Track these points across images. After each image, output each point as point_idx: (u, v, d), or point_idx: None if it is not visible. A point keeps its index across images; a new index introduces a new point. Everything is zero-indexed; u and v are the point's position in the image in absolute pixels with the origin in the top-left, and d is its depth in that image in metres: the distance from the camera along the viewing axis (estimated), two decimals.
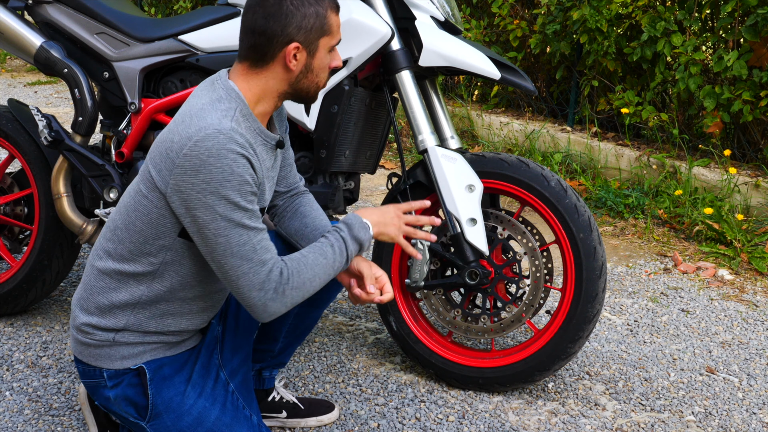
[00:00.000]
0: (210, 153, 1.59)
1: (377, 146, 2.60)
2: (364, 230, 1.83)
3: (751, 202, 3.89)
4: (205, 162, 1.59)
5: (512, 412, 2.33)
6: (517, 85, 2.32)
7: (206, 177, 1.60)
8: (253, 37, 1.69)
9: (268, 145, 1.78)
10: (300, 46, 1.69)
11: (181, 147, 1.61)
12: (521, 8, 5.30)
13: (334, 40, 1.74)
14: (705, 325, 2.97)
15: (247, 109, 1.71)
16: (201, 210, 1.62)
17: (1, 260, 2.92)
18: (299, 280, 1.72)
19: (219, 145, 1.59)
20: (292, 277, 1.70)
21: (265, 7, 1.67)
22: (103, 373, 1.81)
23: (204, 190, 1.60)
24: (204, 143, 1.59)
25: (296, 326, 2.15)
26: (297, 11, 1.66)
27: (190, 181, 1.61)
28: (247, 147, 1.64)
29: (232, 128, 1.62)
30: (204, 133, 1.60)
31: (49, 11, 2.56)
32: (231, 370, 1.95)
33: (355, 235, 1.81)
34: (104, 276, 1.78)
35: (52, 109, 6.49)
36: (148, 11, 8.13)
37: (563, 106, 5.21)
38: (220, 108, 1.66)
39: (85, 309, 1.81)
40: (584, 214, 2.29)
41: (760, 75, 3.83)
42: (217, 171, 1.59)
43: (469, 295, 2.43)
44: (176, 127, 1.65)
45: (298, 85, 1.75)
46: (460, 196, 2.28)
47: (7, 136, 2.65)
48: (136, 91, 2.47)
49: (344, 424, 2.24)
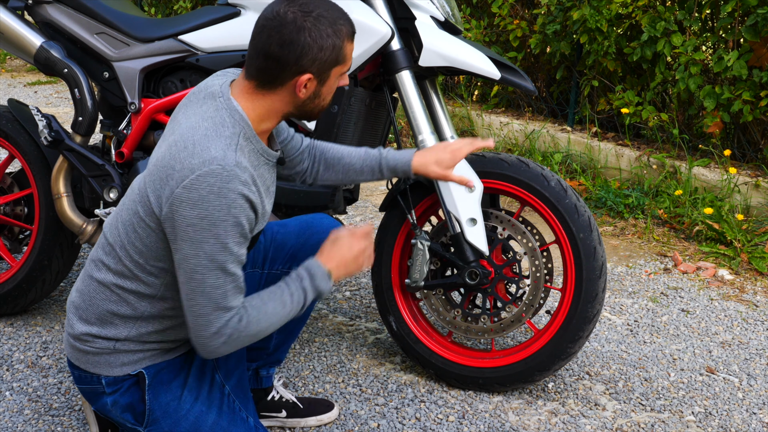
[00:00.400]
0: (211, 190, 1.57)
1: (377, 146, 2.60)
2: (325, 281, 1.78)
3: (751, 202, 3.89)
4: (204, 198, 1.57)
5: (512, 412, 2.33)
6: (517, 85, 2.32)
7: (201, 213, 1.57)
8: (265, 61, 1.63)
9: (270, 163, 1.76)
10: (312, 76, 1.65)
11: (182, 178, 1.58)
12: (521, 8, 5.30)
13: (346, 67, 1.71)
14: (705, 325, 2.97)
15: (251, 131, 1.68)
16: (187, 243, 1.60)
17: (1, 260, 2.92)
18: (255, 329, 1.69)
19: (221, 182, 1.57)
20: (249, 326, 1.68)
21: (282, 34, 1.61)
22: (101, 380, 1.80)
23: (196, 225, 1.58)
24: (206, 179, 1.57)
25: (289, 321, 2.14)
26: (314, 44, 1.61)
27: (185, 213, 1.58)
28: (250, 183, 1.61)
29: (236, 163, 1.59)
30: (207, 168, 1.57)
31: (49, 11, 2.56)
32: (226, 371, 1.95)
33: (316, 285, 1.77)
34: (104, 288, 1.76)
35: (52, 109, 6.49)
36: (148, 11, 8.13)
37: (563, 106, 5.21)
38: (224, 135, 1.62)
39: (84, 319, 1.79)
40: (584, 214, 2.29)
41: (760, 75, 3.83)
42: (213, 209, 1.57)
43: (469, 295, 2.43)
44: (179, 153, 1.61)
45: (305, 108, 1.73)
46: (460, 196, 2.28)
47: (7, 136, 2.65)
48: (136, 91, 2.47)
49: (344, 424, 2.24)
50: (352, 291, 3.15)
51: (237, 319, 1.66)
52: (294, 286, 1.76)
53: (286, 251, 2.06)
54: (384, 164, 2.06)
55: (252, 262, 2.04)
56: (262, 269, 2.07)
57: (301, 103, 1.70)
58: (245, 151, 1.65)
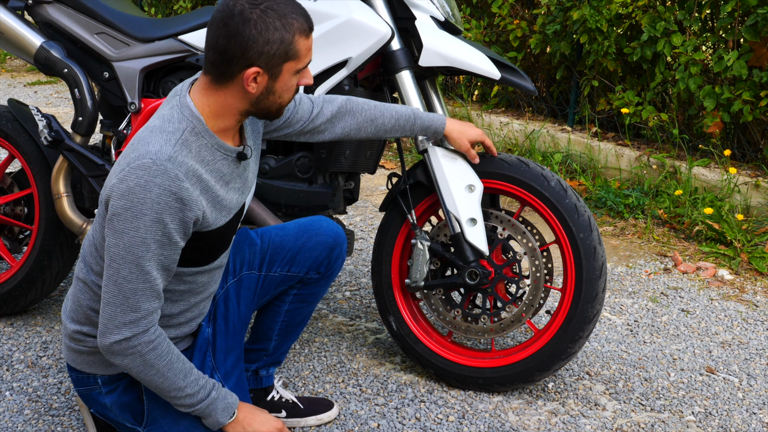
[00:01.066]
0: (138, 182, 1.57)
1: (377, 146, 2.60)
2: (223, 413, 1.78)
3: (751, 202, 3.89)
4: (131, 190, 1.58)
5: (512, 412, 2.33)
6: (517, 85, 2.32)
7: (126, 204, 1.58)
8: (214, 54, 1.63)
9: (230, 158, 1.74)
10: (261, 71, 1.63)
11: (120, 170, 1.60)
12: (521, 8, 5.30)
13: (302, 64, 1.67)
14: (705, 325, 2.97)
15: (202, 126, 1.67)
16: (111, 232, 1.61)
17: (1, 260, 2.92)
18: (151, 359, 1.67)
19: (149, 176, 1.57)
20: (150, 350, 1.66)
21: (228, 27, 1.59)
22: (97, 380, 1.81)
23: (120, 215, 1.59)
24: (136, 171, 1.58)
25: (288, 323, 2.14)
26: (260, 37, 1.59)
27: (114, 203, 1.59)
28: (182, 179, 1.60)
29: (170, 157, 1.59)
30: (139, 162, 1.58)
31: (49, 11, 2.56)
32: (225, 372, 1.95)
33: (212, 412, 1.77)
34: (88, 289, 1.78)
35: (52, 109, 6.49)
36: (148, 11, 8.13)
37: (563, 106, 5.21)
38: (167, 131, 1.63)
39: (75, 320, 1.81)
40: (584, 214, 2.29)
41: (760, 75, 3.83)
42: (138, 201, 1.57)
43: (469, 295, 2.43)
44: (126, 149, 1.64)
45: (260, 105, 1.70)
46: (460, 196, 2.28)
47: (7, 136, 2.65)
48: (136, 91, 2.47)
49: (344, 424, 2.24)
50: (352, 291, 3.15)
51: (144, 328, 1.64)
52: (204, 382, 1.76)
53: (284, 254, 2.06)
54: (418, 124, 2.19)
55: (249, 264, 2.04)
56: (260, 271, 2.06)
57: (255, 99, 1.68)
58: (192, 146, 1.64)
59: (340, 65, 2.28)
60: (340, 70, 2.29)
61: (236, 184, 1.79)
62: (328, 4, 2.28)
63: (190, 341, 1.92)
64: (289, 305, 2.10)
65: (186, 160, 1.62)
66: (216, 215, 1.72)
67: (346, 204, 2.57)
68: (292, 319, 2.14)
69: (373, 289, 2.69)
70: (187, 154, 1.63)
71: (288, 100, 1.73)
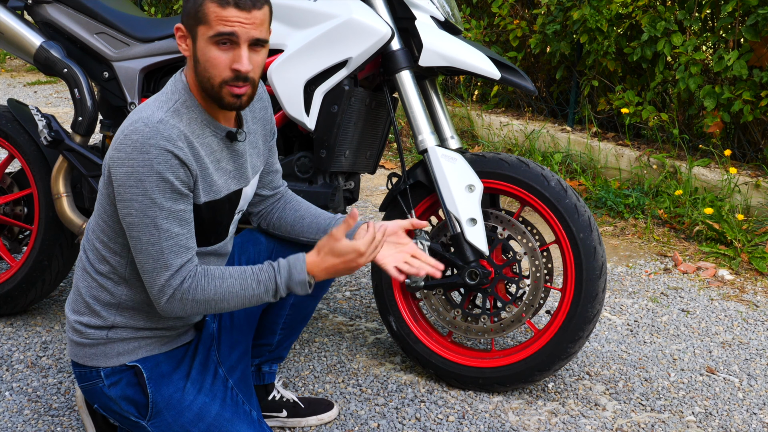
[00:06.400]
0: (134, 146, 1.61)
1: (377, 146, 2.60)
2: (303, 287, 1.74)
3: (751, 202, 3.89)
4: (129, 155, 1.61)
5: (512, 412, 2.33)
6: (517, 85, 2.32)
7: (128, 170, 1.61)
8: None
9: (219, 135, 1.76)
10: (182, 28, 1.69)
11: (116, 139, 1.65)
12: (521, 8, 5.30)
13: (212, 31, 1.63)
14: (705, 325, 2.97)
15: (192, 101, 1.71)
16: (121, 202, 1.64)
17: (1, 260, 2.92)
18: (203, 297, 1.69)
19: (143, 138, 1.61)
20: (196, 291, 1.68)
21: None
22: (100, 373, 1.82)
23: (124, 183, 1.62)
24: (131, 137, 1.62)
25: (293, 317, 2.15)
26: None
27: (116, 173, 1.63)
28: (175, 139, 1.63)
29: (161, 120, 1.63)
30: (133, 127, 1.62)
31: (49, 11, 2.56)
32: (229, 366, 1.96)
33: (291, 286, 1.74)
34: (86, 275, 1.81)
35: (52, 109, 6.49)
36: (148, 11, 8.13)
37: (563, 106, 5.20)
38: (160, 100, 1.69)
39: (76, 310, 1.84)
40: (584, 214, 2.29)
41: (760, 75, 3.83)
42: (138, 165, 1.61)
43: (469, 295, 2.43)
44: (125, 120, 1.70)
45: (199, 77, 1.68)
46: (460, 196, 2.28)
47: (7, 136, 2.65)
48: (136, 91, 2.47)
49: (344, 424, 2.24)
50: (352, 291, 3.15)
51: (179, 281, 1.67)
52: (265, 276, 1.73)
53: (289, 249, 2.06)
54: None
55: (255, 262, 2.04)
56: None
57: (194, 69, 1.68)
58: (183, 116, 1.68)
59: (340, 65, 2.28)
60: (340, 70, 2.29)
61: (227, 166, 1.80)
62: (328, 4, 2.28)
63: (194, 333, 1.93)
64: (294, 298, 2.11)
65: (177, 124, 1.66)
66: (204, 187, 1.73)
67: (346, 204, 2.57)
68: (297, 312, 2.14)
69: (373, 289, 2.69)
70: (178, 122, 1.67)
71: (217, 80, 1.67)
